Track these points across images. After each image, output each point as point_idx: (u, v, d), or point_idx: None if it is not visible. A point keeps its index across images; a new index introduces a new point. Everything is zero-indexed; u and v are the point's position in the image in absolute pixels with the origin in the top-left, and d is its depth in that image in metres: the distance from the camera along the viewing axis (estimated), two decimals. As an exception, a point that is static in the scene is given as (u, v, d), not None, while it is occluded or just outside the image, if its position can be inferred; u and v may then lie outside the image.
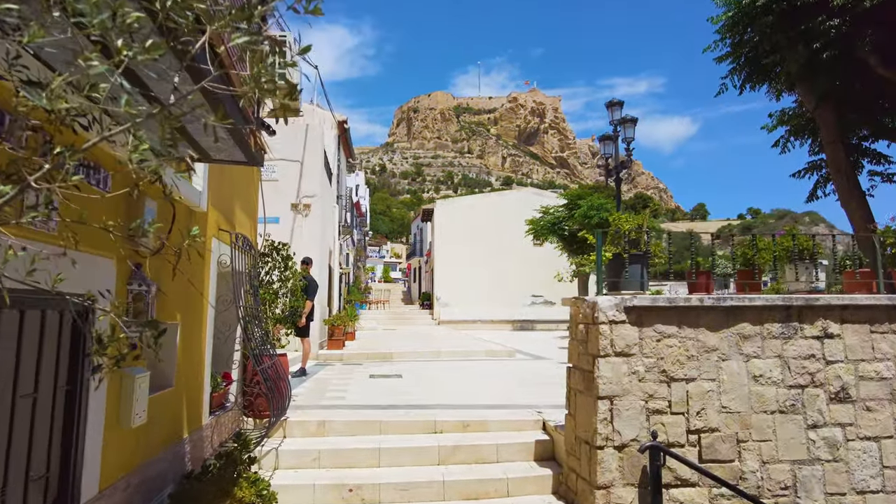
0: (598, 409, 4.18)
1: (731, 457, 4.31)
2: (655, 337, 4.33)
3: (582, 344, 4.54)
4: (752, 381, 4.42)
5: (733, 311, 4.47)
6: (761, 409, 4.40)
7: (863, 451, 4.49)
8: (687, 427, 4.28)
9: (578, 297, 4.66)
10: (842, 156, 8.90)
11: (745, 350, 4.44)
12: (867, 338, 4.63)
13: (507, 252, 26.23)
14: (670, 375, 4.30)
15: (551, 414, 5.99)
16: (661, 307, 4.34)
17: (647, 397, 4.25)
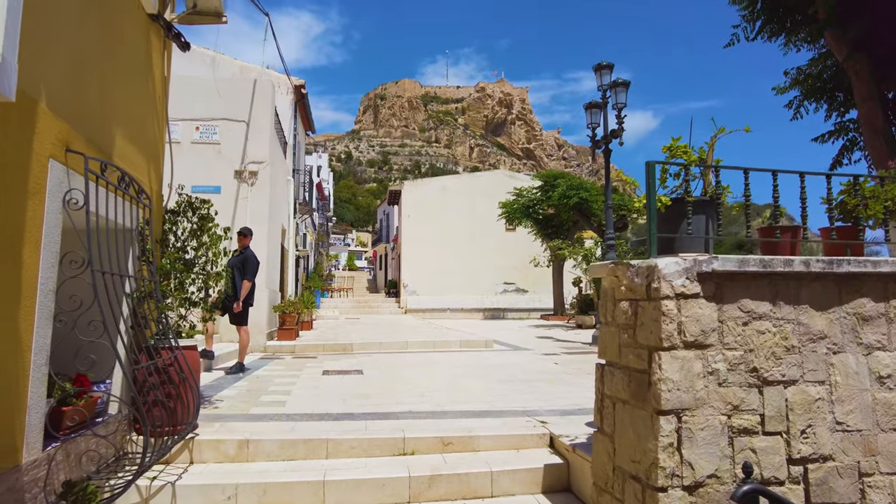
0: (658, 429, 2.68)
1: (853, 499, 2.88)
2: (742, 318, 2.85)
3: (627, 330, 3.03)
4: (876, 384, 3.00)
5: (848, 280, 3.03)
6: (890, 427, 2.99)
7: None
8: (788, 454, 2.83)
9: (619, 262, 3.15)
10: (879, 114, 7.66)
11: (864, 338, 3.01)
12: None
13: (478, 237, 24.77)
14: (763, 377, 2.84)
15: (558, 424, 4.50)
16: (752, 273, 2.86)
17: (730, 410, 2.78)
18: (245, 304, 7.87)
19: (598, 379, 3.34)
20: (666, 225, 3.15)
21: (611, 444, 3.13)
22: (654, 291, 2.81)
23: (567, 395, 5.92)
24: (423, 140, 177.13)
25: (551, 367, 8.24)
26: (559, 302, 21.03)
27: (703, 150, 3.35)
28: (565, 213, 19.02)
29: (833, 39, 7.93)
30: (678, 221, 3.17)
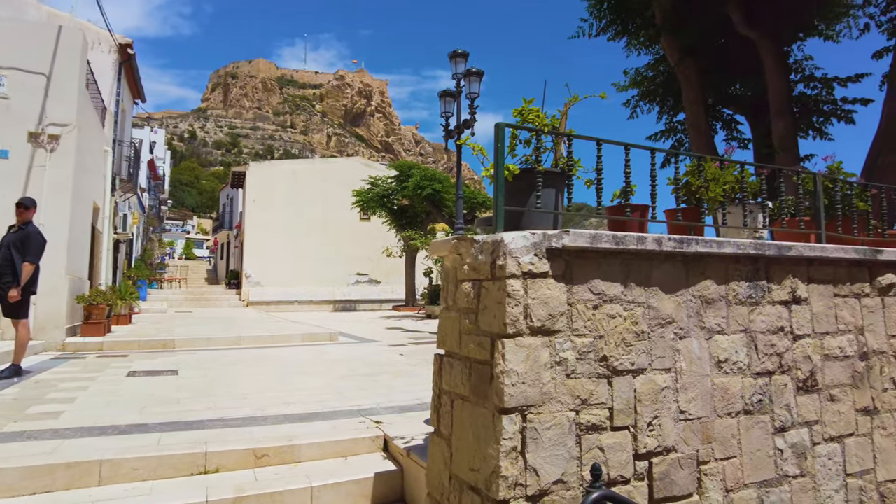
0: (500, 430, 2.27)
1: (690, 489, 2.73)
2: (592, 301, 2.54)
3: (468, 315, 2.59)
4: (715, 370, 2.88)
5: (695, 261, 2.88)
6: (726, 411, 2.89)
7: (828, 458, 3.25)
8: (635, 450, 2.58)
9: (462, 237, 2.70)
10: (703, 117, 8.28)
11: (707, 322, 2.89)
12: (831, 303, 3.40)
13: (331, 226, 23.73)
14: (613, 366, 2.56)
15: (396, 424, 4.00)
16: (604, 251, 2.57)
17: (578, 405, 2.46)
18: (26, 293, 6.33)
19: (436, 372, 2.87)
20: (514, 198, 2.76)
21: (448, 448, 2.68)
22: (499, 270, 2.38)
23: (410, 388, 5.48)
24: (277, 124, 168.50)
25: (396, 359, 7.79)
26: (411, 293, 20.82)
27: (555, 118, 3.03)
28: (419, 204, 18.82)
29: (668, 45, 8.43)
30: (527, 194, 2.80)
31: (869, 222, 4.11)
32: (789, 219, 3.77)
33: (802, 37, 8.98)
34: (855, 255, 3.46)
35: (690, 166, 3.43)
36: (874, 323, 3.60)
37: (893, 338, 3.68)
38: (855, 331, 3.48)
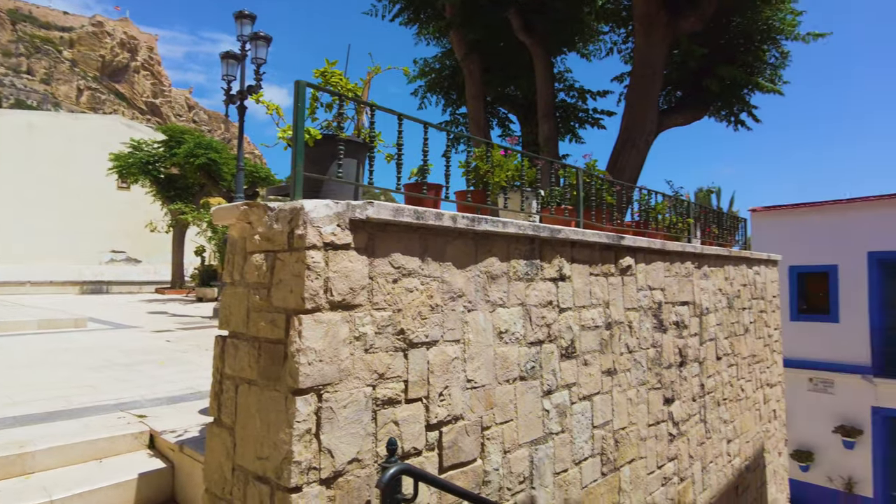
0: (294, 413, 2.11)
1: (474, 455, 2.90)
2: (392, 275, 2.52)
3: (259, 291, 2.36)
4: (497, 340, 3.10)
5: (485, 239, 3.05)
6: (505, 378, 3.14)
7: (581, 414, 3.76)
8: (426, 421, 2.64)
9: (254, 203, 2.44)
10: (482, 112, 8.92)
11: (492, 296, 3.09)
12: (588, 281, 3.93)
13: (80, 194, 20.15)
14: (409, 339, 2.58)
15: (164, 416, 3.53)
16: (406, 225, 2.55)
17: (375, 380, 2.42)
18: None
19: (217, 356, 2.57)
20: (313, 167, 2.59)
21: (231, 437, 2.42)
22: (297, 240, 2.21)
23: (179, 377, 4.90)
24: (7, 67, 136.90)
25: (162, 346, 6.92)
26: (178, 273, 18.79)
27: (357, 86, 2.92)
28: (191, 174, 16.98)
29: (456, 39, 8.87)
30: (327, 163, 2.66)
31: (613, 213, 4.85)
32: (556, 207, 4.24)
33: (565, 51, 10.25)
34: (606, 240, 4.05)
35: (479, 152, 3.63)
36: (616, 298, 4.26)
37: (629, 310, 4.41)
38: (603, 304, 4.08)
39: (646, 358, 4.58)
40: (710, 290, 5.97)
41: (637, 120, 7.77)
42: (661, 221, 5.52)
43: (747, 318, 7.13)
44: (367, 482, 2.34)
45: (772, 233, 12.84)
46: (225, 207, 2.56)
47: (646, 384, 4.56)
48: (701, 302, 5.71)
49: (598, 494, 3.87)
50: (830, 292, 12.52)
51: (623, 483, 4.17)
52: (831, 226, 12.53)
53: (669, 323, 5.02)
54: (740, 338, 6.84)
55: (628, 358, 4.34)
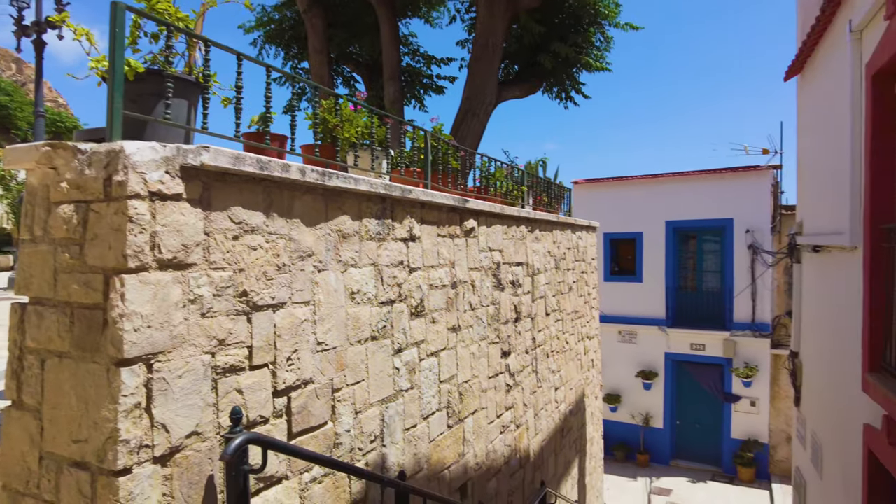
0: (119, 386, 1.84)
1: (326, 417, 2.82)
2: (233, 231, 2.29)
3: (69, 248, 2.00)
4: (349, 301, 3.02)
5: (335, 196, 2.92)
6: (357, 339, 3.07)
7: (429, 370, 3.86)
8: (274, 387, 2.49)
9: (59, 143, 2.03)
10: (326, 69, 8.54)
11: (343, 256, 2.98)
12: (436, 242, 3.99)
13: None
14: (253, 301, 2.39)
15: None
16: (248, 175, 2.33)
17: (215, 346, 2.20)
18: None
19: (14, 327, 2.14)
20: (134, 106, 2.24)
21: (37, 421, 2.05)
22: (117, 188, 1.90)
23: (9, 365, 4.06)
24: None
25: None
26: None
27: (189, 18, 2.57)
28: None
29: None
30: (151, 104, 2.32)
31: (458, 178, 4.98)
32: (406, 169, 4.23)
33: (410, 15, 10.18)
34: (453, 202, 4.14)
35: (327, 104, 3.45)
36: (461, 258, 4.40)
37: (472, 270, 4.59)
38: (449, 265, 4.18)
39: (486, 315, 4.83)
40: (540, 252, 6.46)
41: (478, 89, 8.03)
42: (500, 188, 5.81)
43: (571, 278, 7.88)
44: (210, 456, 2.14)
45: (590, 202, 14.28)
46: (20, 148, 2.11)
47: (486, 339, 4.81)
48: (533, 263, 6.16)
49: (444, 446, 4.03)
50: (636, 256, 14.36)
51: (467, 433, 4.39)
52: (637, 198, 14.28)
53: (507, 282, 5.34)
54: (565, 296, 7.54)
55: (471, 315, 4.53)
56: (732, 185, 13.09)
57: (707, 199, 13.35)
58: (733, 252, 13.05)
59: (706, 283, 13.85)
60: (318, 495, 2.72)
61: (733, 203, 12.99)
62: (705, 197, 13.37)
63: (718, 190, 13.25)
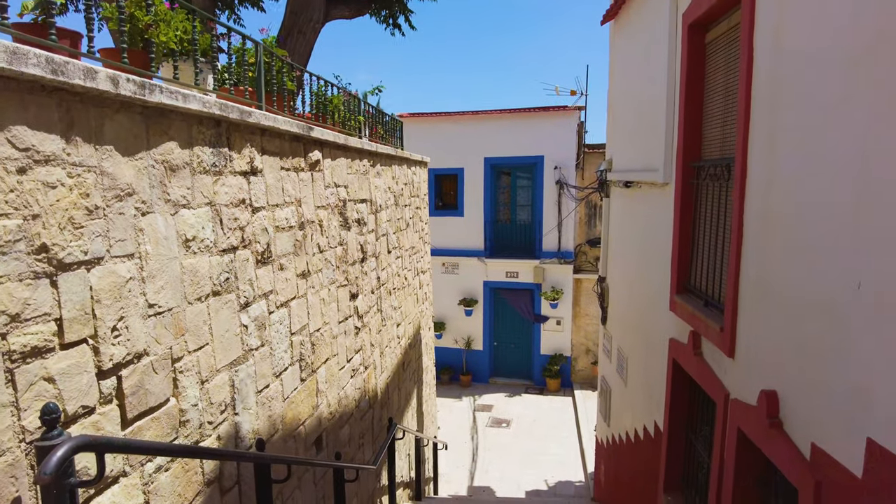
0: None
1: (167, 394, 2.29)
2: (19, 161, 1.60)
3: None
4: (183, 250, 2.44)
5: (158, 116, 2.25)
6: (196, 297, 2.52)
7: (279, 323, 3.42)
8: (98, 367, 1.90)
9: None
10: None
11: (173, 194, 2.36)
12: (279, 176, 3.46)
13: None
14: (58, 258, 1.74)
15: None
16: (37, 80, 1.62)
17: (6, 324, 1.57)
18: None
19: None
20: None
21: None
22: None
23: None
24: None
25: None
26: None
27: None
28: None
29: None
30: None
31: (294, 101, 4.38)
32: (234, 87, 3.55)
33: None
34: (297, 130, 3.60)
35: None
36: (307, 195, 3.92)
37: (319, 208, 4.14)
38: (295, 203, 3.69)
39: (334, 257, 4.46)
40: (382, 188, 6.16)
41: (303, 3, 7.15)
42: (338, 117, 5.30)
43: (408, 215, 7.75)
44: (13, 474, 1.56)
45: (417, 137, 14.17)
46: None
47: (335, 283, 4.46)
48: (376, 199, 5.85)
49: (298, 402, 3.68)
50: (458, 192, 14.77)
51: (320, 384, 4.08)
52: (459, 134, 14.55)
53: (353, 220, 4.98)
54: (404, 232, 7.40)
55: (320, 258, 4.13)
56: (543, 124, 13.96)
57: (521, 138, 14.09)
58: (543, 187, 14.10)
59: (519, 216, 14.87)
60: (166, 485, 2.23)
61: (544, 141, 13.91)
62: (520, 135, 14.09)
63: (531, 129, 14.04)
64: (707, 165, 4.66)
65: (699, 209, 4.85)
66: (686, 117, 4.92)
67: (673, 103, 5.35)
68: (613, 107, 8.54)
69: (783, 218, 2.63)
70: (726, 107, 4.37)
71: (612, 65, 8.67)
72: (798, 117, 2.51)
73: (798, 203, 2.47)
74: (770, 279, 2.77)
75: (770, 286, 2.76)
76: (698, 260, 4.82)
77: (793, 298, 2.48)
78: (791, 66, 2.60)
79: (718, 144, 4.52)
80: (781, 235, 2.65)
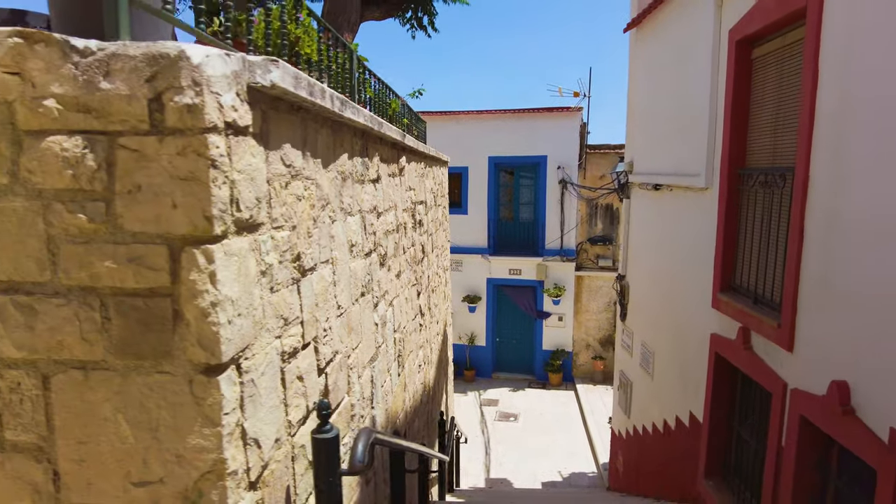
0: (217, 403, 1.31)
1: (345, 390, 2.42)
2: (284, 177, 1.73)
3: (80, 205, 1.29)
4: (349, 255, 2.57)
5: (339, 129, 2.38)
6: (354, 298, 2.66)
7: (390, 321, 3.56)
8: (318, 366, 2.04)
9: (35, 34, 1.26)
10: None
11: (344, 202, 2.49)
12: (387, 182, 3.59)
13: None
14: (302, 265, 1.87)
15: None
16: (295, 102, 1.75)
17: (281, 328, 1.70)
18: None
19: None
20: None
21: (41, 465, 1.36)
22: (183, 115, 1.26)
23: None
24: None
25: None
26: None
27: None
28: None
29: None
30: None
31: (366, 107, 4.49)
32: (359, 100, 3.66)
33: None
34: (397, 137, 3.73)
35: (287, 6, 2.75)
36: (398, 200, 4.06)
37: (404, 211, 4.28)
38: (394, 207, 3.82)
39: (410, 257, 4.60)
40: (428, 188, 6.31)
41: (341, 4, 7.22)
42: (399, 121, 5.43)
43: (441, 214, 7.90)
44: (286, 465, 1.69)
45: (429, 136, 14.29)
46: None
47: (410, 282, 4.61)
48: (427, 200, 6.00)
49: (397, 396, 3.83)
50: (462, 190, 14.95)
51: (407, 379, 4.23)
52: (463, 133, 14.71)
53: (417, 222, 5.12)
54: (438, 231, 7.55)
55: (403, 259, 4.27)
56: (547, 124, 14.22)
57: (524, 137, 14.32)
58: (546, 186, 14.36)
59: (522, 214, 15.12)
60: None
61: (547, 141, 14.17)
62: (523, 135, 14.32)
63: (534, 128, 14.28)
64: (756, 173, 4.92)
65: (745, 213, 5.11)
66: (732, 127, 5.17)
67: (715, 113, 5.60)
68: (634, 111, 8.80)
69: (853, 220, 2.87)
70: (778, 119, 4.63)
71: (632, 70, 8.92)
72: (869, 127, 2.76)
73: (871, 205, 2.72)
74: (837, 277, 3.01)
75: (837, 284, 3.00)
76: (744, 260, 5.09)
77: (866, 294, 2.72)
78: (862, 82, 2.84)
79: (768, 153, 4.77)
80: (851, 236, 2.89)
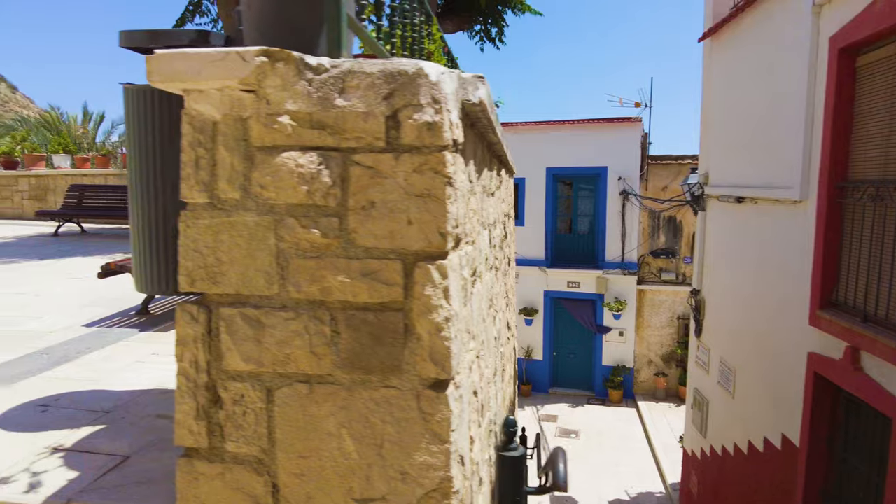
0: (444, 419, 1.30)
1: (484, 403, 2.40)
2: (470, 191, 1.73)
3: (314, 220, 1.31)
4: (485, 266, 2.56)
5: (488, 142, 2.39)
6: (484, 311, 2.65)
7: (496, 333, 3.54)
8: (480, 376, 2.02)
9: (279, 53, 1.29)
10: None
11: (483, 214, 2.49)
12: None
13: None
14: (475, 278, 1.87)
15: None
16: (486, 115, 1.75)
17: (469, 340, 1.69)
18: None
19: (193, 342, 1.39)
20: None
21: (261, 478, 1.38)
22: (422, 133, 1.27)
23: None
24: None
25: None
26: None
27: None
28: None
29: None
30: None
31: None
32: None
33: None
34: (508, 149, 3.72)
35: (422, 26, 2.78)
36: (497, 212, 4.04)
37: (498, 223, 4.26)
38: (495, 220, 3.81)
39: (499, 270, 4.57)
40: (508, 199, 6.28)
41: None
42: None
43: (511, 226, 7.86)
44: (470, 482, 1.67)
45: (483, 147, 14.33)
46: (193, 55, 1.30)
47: (502, 294, 4.57)
48: (509, 211, 5.97)
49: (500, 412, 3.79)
50: (519, 201, 14.88)
51: (503, 393, 4.19)
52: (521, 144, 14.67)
53: (507, 232, 5.10)
54: (508, 244, 7.51)
55: (496, 273, 4.24)
56: (607, 134, 14.03)
57: (583, 148, 14.17)
58: (606, 197, 14.15)
59: (581, 226, 14.93)
60: (491, 496, 2.34)
61: (607, 152, 13.97)
62: (582, 146, 14.18)
63: (594, 139, 14.12)
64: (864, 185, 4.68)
65: (850, 226, 4.87)
66: (833, 139, 4.95)
67: (811, 124, 5.38)
68: (709, 121, 8.58)
69: None
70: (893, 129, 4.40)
71: (706, 80, 8.71)
72: None
73: None
74: None
75: None
76: (849, 276, 4.84)
77: None
78: None
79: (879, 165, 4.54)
80: None
